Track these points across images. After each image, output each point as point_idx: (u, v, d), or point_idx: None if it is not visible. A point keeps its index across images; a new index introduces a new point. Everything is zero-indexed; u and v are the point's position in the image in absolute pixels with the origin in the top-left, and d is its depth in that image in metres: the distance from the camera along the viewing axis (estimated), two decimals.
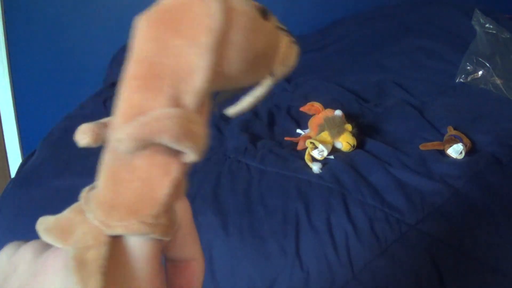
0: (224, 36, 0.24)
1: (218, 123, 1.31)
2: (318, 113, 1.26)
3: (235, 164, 1.10)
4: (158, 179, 0.25)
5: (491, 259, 0.87)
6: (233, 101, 0.31)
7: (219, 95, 0.31)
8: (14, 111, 2.03)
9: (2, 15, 1.90)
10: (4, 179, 2.04)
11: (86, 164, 1.06)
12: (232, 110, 0.31)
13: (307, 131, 1.27)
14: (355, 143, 1.13)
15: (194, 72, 0.24)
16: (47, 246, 0.25)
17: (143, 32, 0.25)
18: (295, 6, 2.04)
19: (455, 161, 1.09)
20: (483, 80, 1.53)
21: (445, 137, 1.17)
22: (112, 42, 1.91)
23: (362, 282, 0.83)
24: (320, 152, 1.09)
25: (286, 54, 0.29)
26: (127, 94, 0.24)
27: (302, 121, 1.34)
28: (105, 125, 0.27)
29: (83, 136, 0.26)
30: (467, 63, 1.57)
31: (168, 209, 0.25)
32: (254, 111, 1.40)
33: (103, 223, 0.24)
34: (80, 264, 0.23)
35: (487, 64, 1.54)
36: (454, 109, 1.37)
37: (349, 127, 1.14)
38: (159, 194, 0.25)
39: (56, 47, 1.99)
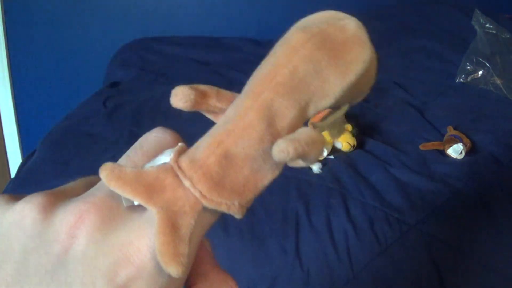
0: (360, 78, 0.29)
1: None
2: (318, 113, 1.26)
3: None
4: (265, 173, 0.27)
5: (491, 259, 0.87)
6: None
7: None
8: (14, 111, 2.03)
9: (2, 15, 1.90)
10: (4, 179, 2.04)
11: (86, 164, 1.06)
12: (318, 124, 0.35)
13: None
14: (355, 143, 1.13)
15: (329, 97, 0.28)
16: (56, 202, 0.24)
17: (307, 53, 0.28)
18: (295, 6, 2.04)
19: (455, 161, 1.09)
20: (483, 80, 1.53)
21: (445, 137, 1.17)
22: (112, 42, 1.91)
23: (362, 282, 0.83)
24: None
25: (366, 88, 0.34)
26: (272, 96, 0.27)
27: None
28: (203, 92, 0.29)
29: (180, 99, 0.28)
30: (467, 63, 1.57)
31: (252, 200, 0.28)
32: None
33: (202, 195, 0.25)
34: (173, 227, 0.23)
35: (487, 64, 1.54)
36: (454, 109, 1.37)
37: (349, 127, 1.14)
38: (260, 185, 0.27)
39: (56, 47, 1.99)
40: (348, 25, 0.29)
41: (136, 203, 0.25)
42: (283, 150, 0.25)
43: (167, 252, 0.22)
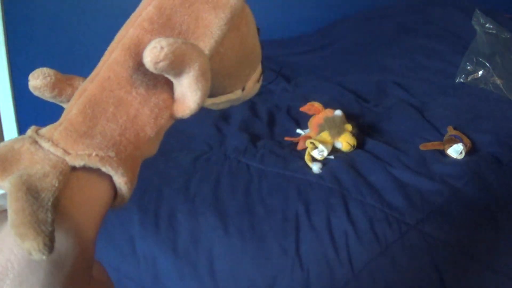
0: (236, 19, 0.26)
1: (218, 123, 1.31)
2: (318, 113, 1.25)
3: (235, 164, 1.10)
4: (146, 120, 0.24)
5: (491, 259, 0.87)
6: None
7: None
8: (14, 111, 2.03)
9: (2, 15, 1.90)
10: None
11: None
12: (209, 100, 0.32)
13: (307, 131, 1.27)
14: (355, 143, 1.13)
15: (207, 36, 0.25)
16: None
17: None
18: (295, 6, 2.04)
19: (455, 161, 1.09)
20: (483, 80, 1.53)
21: (445, 137, 1.17)
22: (112, 41, 1.91)
23: (362, 282, 0.83)
24: (320, 152, 1.09)
25: (257, 80, 0.32)
26: (138, 32, 0.25)
27: (302, 121, 1.34)
28: (69, 79, 0.26)
29: (37, 76, 0.25)
30: (467, 63, 1.57)
31: (138, 162, 0.23)
32: (254, 111, 1.40)
33: (65, 152, 0.21)
34: (30, 191, 0.19)
35: (487, 64, 1.54)
36: (454, 109, 1.37)
37: (349, 127, 1.14)
38: (143, 135, 0.23)
39: (56, 47, 1.99)
40: None
41: None
42: (155, 46, 0.21)
43: (22, 221, 0.18)
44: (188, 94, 0.24)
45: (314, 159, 1.09)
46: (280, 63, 1.76)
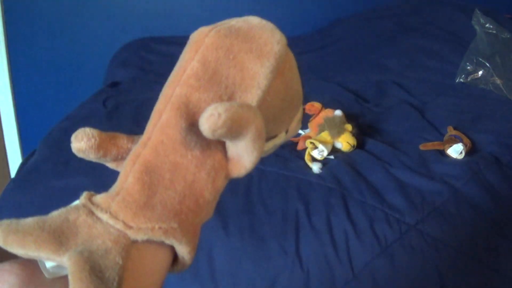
0: (280, 65, 0.25)
1: None
2: (318, 113, 1.26)
3: None
4: (204, 184, 0.22)
5: (491, 259, 0.87)
6: None
7: None
8: (14, 111, 2.03)
9: (2, 15, 1.90)
10: (4, 179, 2.04)
11: (86, 164, 1.05)
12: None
13: (307, 131, 1.27)
14: (355, 143, 1.13)
15: (254, 87, 0.24)
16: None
17: (212, 40, 0.24)
18: (295, 6, 2.04)
19: (455, 161, 1.09)
20: (483, 80, 1.53)
21: (445, 137, 1.17)
22: (112, 42, 1.91)
23: (362, 282, 0.83)
24: (320, 152, 1.09)
25: (299, 120, 0.32)
26: (185, 91, 0.23)
27: (302, 121, 1.34)
28: (113, 138, 0.24)
29: (81, 138, 0.23)
30: (467, 63, 1.57)
31: (198, 228, 0.22)
32: None
33: (126, 225, 0.20)
34: (94, 271, 0.18)
35: (487, 64, 1.54)
36: (454, 109, 1.37)
37: (349, 127, 1.14)
38: (202, 201, 0.22)
39: (56, 47, 1.99)
40: (250, 18, 0.26)
41: (50, 265, 0.19)
42: (212, 113, 0.20)
43: None
44: (244, 155, 0.23)
45: (314, 159, 1.09)
46: None
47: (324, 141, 1.11)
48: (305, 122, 1.31)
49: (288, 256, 0.86)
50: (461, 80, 1.56)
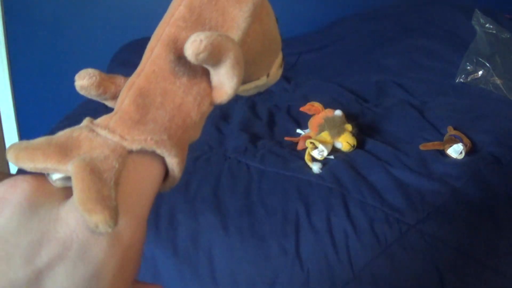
0: (258, 10, 0.29)
1: (218, 123, 1.31)
2: (318, 113, 1.26)
3: (235, 164, 1.10)
4: (190, 107, 0.26)
5: (491, 259, 0.87)
6: None
7: None
8: (14, 111, 2.03)
9: (2, 15, 1.90)
10: (4, 179, 2.03)
11: None
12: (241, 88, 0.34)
13: (307, 131, 1.27)
14: (355, 143, 1.13)
15: (234, 28, 0.28)
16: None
17: None
18: (295, 6, 2.04)
19: (455, 161, 1.09)
20: (483, 80, 1.53)
21: (445, 137, 1.17)
22: (112, 41, 1.91)
23: (362, 282, 0.83)
24: (320, 152, 1.09)
25: (279, 65, 0.35)
26: (174, 30, 0.27)
27: (302, 121, 1.34)
28: (112, 77, 0.28)
29: (83, 77, 0.27)
30: (467, 63, 1.57)
31: (186, 145, 0.26)
32: (254, 111, 1.40)
33: (123, 138, 0.23)
34: (93, 172, 0.21)
35: (487, 64, 1.54)
36: (454, 109, 1.37)
37: (349, 127, 1.14)
38: (189, 120, 0.26)
39: (56, 47, 1.99)
40: None
41: (56, 177, 0.22)
42: (195, 39, 0.23)
43: (89, 198, 0.20)
44: (225, 81, 0.26)
45: (314, 159, 1.09)
46: None
47: (324, 141, 1.11)
48: (305, 122, 1.31)
49: (288, 256, 0.86)
50: (461, 80, 1.56)
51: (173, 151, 0.24)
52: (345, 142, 1.12)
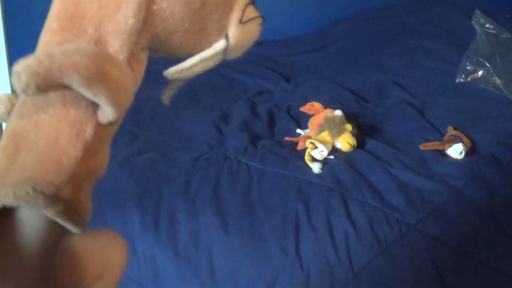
0: None
1: (218, 123, 1.31)
2: (318, 113, 1.26)
3: (235, 164, 1.10)
4: (67, 139, 0.20)
5: (491, 259, 0.87)
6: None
7: (170, 84, 0.28)
8: None
9: (2, 15, 1.90)
10: None
11: None
12: (173, 70, 0.27)
13: (307, 131, 1.27)
14: (355, 143, 1.13)
15: (121, 9, 0.21)
16: None
17: None
18: (295, 6, 2.04)
19: (455, 161, 1.09)
20: (483, 80, 1.53)
21: (445, 137, 1.17)
22: None
23: (362, 282, 0.83)
24: (320, 152, 1.09)
25: (247, 16, 0.26)
26: (48, 37, 0.22)
27: (302, 121, 1.34)
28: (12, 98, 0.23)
29: None
30: (467, 63, 1.57)
31: (78, 184, 0.21)
32: (254, 111, 1.40)
33: None
34: None
35: (487, 64, 1.54)
36: (454, 109, 1.37)
37: (349, 127, 1.14)
38: (66, 159, 0.20)
39: None
40: None
41: None
42: (14, 74, 0.19)
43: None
44: (96, 101, 0.21)
45: (314, 159, 1.09)
46: (280, 63, 1.76)
47: (324, 141, 1.11)
48: (305, 122, 1.31)
49: (288, 256, 0.86)
50: (461, 80, 1.56)
51: (42, 203, 0.19)
52: (345, 142, 1.12)
